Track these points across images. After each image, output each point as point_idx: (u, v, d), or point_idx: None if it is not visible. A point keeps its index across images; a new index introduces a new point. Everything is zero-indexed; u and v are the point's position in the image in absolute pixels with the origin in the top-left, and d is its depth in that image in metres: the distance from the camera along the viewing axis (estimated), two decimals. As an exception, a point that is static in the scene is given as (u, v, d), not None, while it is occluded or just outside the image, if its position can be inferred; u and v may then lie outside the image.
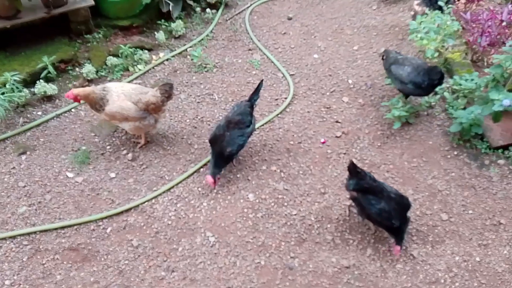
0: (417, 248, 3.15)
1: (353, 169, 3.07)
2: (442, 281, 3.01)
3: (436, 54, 3.98)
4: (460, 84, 3.88)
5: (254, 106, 3.58)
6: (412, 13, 4.65)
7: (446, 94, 3.98)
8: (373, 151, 3.72)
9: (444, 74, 3.74)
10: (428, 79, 3.65)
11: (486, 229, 3.26)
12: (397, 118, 3.75)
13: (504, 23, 4.17)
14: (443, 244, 3.18)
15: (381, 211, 3.00)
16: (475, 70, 4.04)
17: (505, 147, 3.69)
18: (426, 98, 3.98)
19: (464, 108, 3.77)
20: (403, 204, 3.05)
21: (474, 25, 4.19)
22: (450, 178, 3.54)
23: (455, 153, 3.70)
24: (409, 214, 3.11)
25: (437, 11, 4.20)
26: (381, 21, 4.83)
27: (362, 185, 3.05)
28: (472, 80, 3.88)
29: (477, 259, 3.11)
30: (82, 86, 4.12)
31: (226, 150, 3.36)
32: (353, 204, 3.21)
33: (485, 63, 4.21)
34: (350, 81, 4.26)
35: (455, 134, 3.75)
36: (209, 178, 3.36)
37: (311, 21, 4.87)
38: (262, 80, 3.66)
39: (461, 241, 3.20)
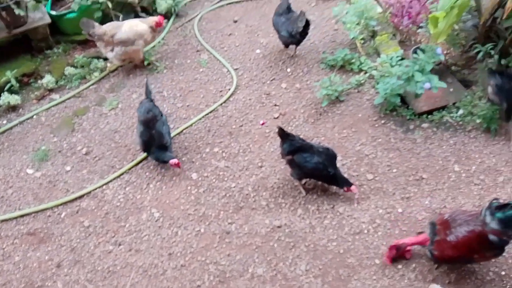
0: (343, 206, 3.42)
1: (282, 132, 3.40)
2: (366, 231, 3.27)
3: (362, 36, 4.34)
4: (386, 62, 4.23)
5: (153, 99, 3.92)
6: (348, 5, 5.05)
7: (374, 72, 4.32)
8: (307, 127, 4.04)
9: (309, 21, 4.27)
10: (296, 27, 4.19)
11: (409, 184, 3.53)
12: (326, 96, 4.08)
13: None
14: (368, 200, 3.45)
15: (317, 164, 3.33)
16: (403, 49, 4.40)
17: (429, 112, 4.00)
18: (356, 76, 4.33)
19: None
20: (330, 155, 3.41)
21: (398, 6, 4.55)
22: (377, 144, 3.83)
23: (383, 122, 4.01)
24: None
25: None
26: (319, 15, 5.22)
27: (294, 145, 3.39)
28: (397, 57, 4.23)
29: (400, 210, 3.37)
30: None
31: (164, 143, 3.67)
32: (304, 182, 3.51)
33: (412, 42, 4.57)
34: (288, 70, 4.61)
35: (382, 105, 4.06)
36: (173, 161, 3.62)
37: (255, 22, 5.27)
38: (147, 79, 4.24)
39: (385, 196, 3.46)
